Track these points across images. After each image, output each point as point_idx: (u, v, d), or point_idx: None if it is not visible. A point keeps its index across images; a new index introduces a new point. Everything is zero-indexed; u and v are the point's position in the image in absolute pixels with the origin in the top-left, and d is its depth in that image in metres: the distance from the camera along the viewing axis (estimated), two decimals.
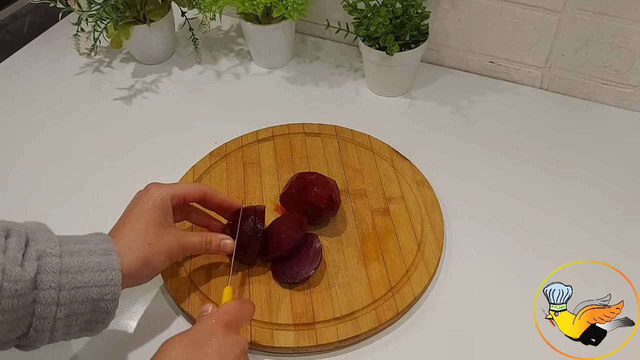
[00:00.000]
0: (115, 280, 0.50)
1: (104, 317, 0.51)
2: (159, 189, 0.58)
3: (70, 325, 0.49)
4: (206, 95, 0.92)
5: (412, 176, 0.75)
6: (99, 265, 0.50)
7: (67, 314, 0.48)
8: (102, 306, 0.50)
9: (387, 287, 0.62)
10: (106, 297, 0.50)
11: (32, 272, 0.46)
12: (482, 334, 0.60)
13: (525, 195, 0.74)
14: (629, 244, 0.68)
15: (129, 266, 0.52)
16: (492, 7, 0.84)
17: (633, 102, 0.85)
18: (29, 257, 0.47)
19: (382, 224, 0.69)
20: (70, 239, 0.51)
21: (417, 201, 0.71)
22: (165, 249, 0.55)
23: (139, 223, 0.55)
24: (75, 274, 0.48)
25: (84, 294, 0.48)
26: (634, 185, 0.75)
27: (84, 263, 0.49)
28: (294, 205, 0.68)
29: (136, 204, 0.57)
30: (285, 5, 0.84)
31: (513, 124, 0.84)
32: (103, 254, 0.51)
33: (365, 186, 0.73)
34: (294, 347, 0.58)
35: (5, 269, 0.45)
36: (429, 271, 0.64)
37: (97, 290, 0.49)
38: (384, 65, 0.85)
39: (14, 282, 0.45)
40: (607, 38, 0.80)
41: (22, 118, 0.89)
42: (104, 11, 0.85)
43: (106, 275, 0.50)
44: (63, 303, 0.47)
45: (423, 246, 0.66)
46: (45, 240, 0.49)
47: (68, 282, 0.48)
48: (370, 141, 0.80)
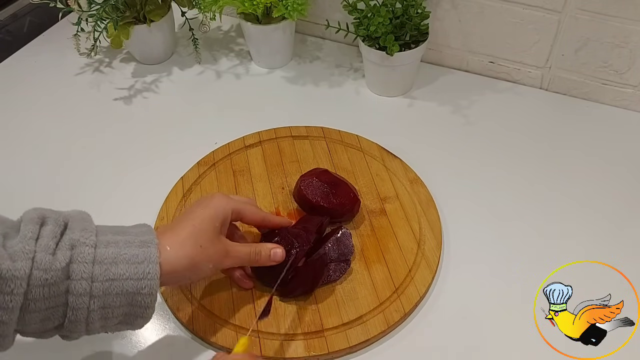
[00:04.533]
0: (152, 274, 0.48)
1: (142, 311, 0.49)
2: (225, 199, 0.57)
3: (107, 318, 0.48)
4: (206, 95, 0.92)
5: (405, 174, 0.74)
6: (135, 257, 0.48)
7: (102, 306, 0.47)
8: (138, 300, 0.48)
9: (391, 288, 0.62)
10: (142, 291, 0.48)
11: (64, 262, 0.45)
12: (482, 334, 0.60)
13: (525, 195, 0.74)
14: (629, 244, 0.68)
15: (173, 264, 0.50)
16: (492, 7, 0.84)
17: (633, 102, 0.85)
18: (63, 246, 0.46)
19: (380, 225, 0.69)
20: (109, 229, 0.50)
21: (411, 199, 0.71)
22: (214, 255, 0.54)
23: (196, 224, 0.53)
24: (109, 265, 0.47)
25: (118, 286, 0.47)
26: (634, 185, 0.75)
27: (120, 254, 0.47)
28: (318, 195, 0.67)
29: (198, 207, 0.56)
30: (285, 5, 0.84)
31: (513, 124, 0.84)
32: (141, 246, 0.49)
33: (359, 187, 0.73)
34: (305, 357, 0.58)
35: (36, 257, 0.44)
36: (432, 269, 0.64)
37: (132, 284, 0.47)
38: (384, 65, 0.85)
39: (43, 270, 0.44)
40: (607, 38, 0.80)
41: (22, 118, 0.88)
42: (104, 11, 0.85)
43: (142, 267, 0.48)
44: (96, 295, 0.46)
45: (423, 244, 0.66)
46: (81, 229, 0.47)
47: (101, 274, 0.46)
48: (359, 141, 0.79)
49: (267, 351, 0.58)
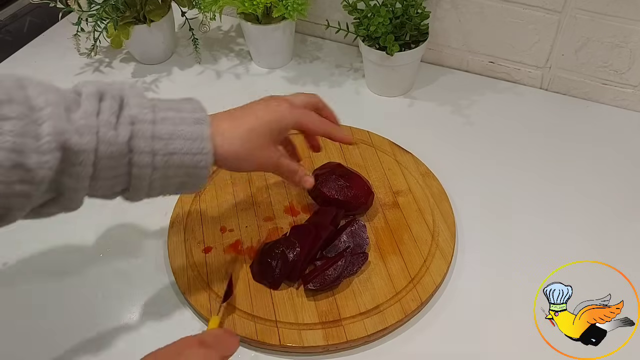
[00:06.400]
0: (206, 149, 0.51)
1: (198, 180, 0.53)
2: (289, 109, 0.57)
3: (166, 186, 0.52)
4: (206, 95, 0.91)
5: (416, 168, 0.75)
6: (190, 134, 0.50)
7: (162, 176, 0.50)
8: (196, 172, 0.51)
9: (407, 278, 0.63)
10: (200, 164, 0.51)
11: (126, 137, 0.48)
12: (482, 334, 0.60)
13: (525, 195, 0.74)
14: (629, 244, 0.68)
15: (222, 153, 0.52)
16: (492, 7, 0.84)
17: (633, 102, 0.85)
18: (123, 121, 0.48)
19: (394, 218, 0.70)
20: (164, 104, 0.52)
21: (424, 192, 0.72)
22: (260, 159, 0.56)
23: (254, 125, 0.55)
24: (167, 141, 0.50)
25: (177, 159, 0.50)
26: (634, 185, 0.75)
27: (176, 131, 0.50)
28: (333, 188, 0.68)
29: (262, 107, 0.57)
30: (285, 5, 0.84)
31: (513, 124, 0.84)
32: (195, 123, 0.51)
33: (372, 181, 0.74)
34: (323, 346, 0.58)
35: (100, 131, 0.46)
36: (446, 260, 0.65)
37: (189, 158, 0.50)
38: (384, 65, 0.85)
39: (108, 144, 0.46)
40: (607, 38, 0.80)
41: None
42: (104, 11, 0.85)
43: (197, 144, 0.51)
44: (158, 166, 0.49)
45: (437, 236, 0.67)
46: (138, 105, 0.50)
47: (161, 148, 0.49)
48: (370, 137, 0.80)
49: (286, 340, 0.58)
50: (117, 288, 0.65)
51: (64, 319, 0.63)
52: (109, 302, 0.64)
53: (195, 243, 0.68)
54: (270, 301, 0.62)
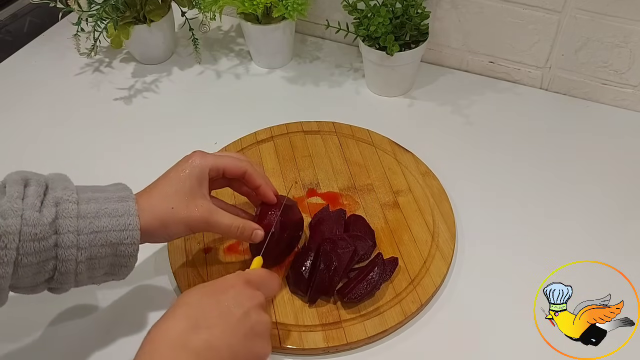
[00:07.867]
0: (133, 225, 0.51)
1: (126, 260, 0.53)
2: (200, 157, 0.57)
3: (94, 268, 0.51)
4: (206, 95, 0.92)
5: (416, 167, 0.75)
6: (115, 211, 0.51)
7: (89, 257, 0.50)
8: (122, 250, 0.51)
9: (407, 280, 0.63)
10: (125, 241, 0.51)
11: (50, 217, 0.48)
12: (482, 334, 0.60)
13: (524, 196, 0.74)
14: (629, 244, 0.68)
15: (146, 224, 0.53)
16: (492, 7, 0.84)
17: (633, 102, 0.85)
18: (47, 203, 0.49)
19: (394, 218, 0.70)
20: (88, 188, 0.53)
21: (424, 192, 0.72)
22: (187, 218, 0.55)
23: (170, 186, 0.55)
24: (92, 219, 0.50)
25: (102, 238, 0.50)
26: (634, 185, 0.75)
27: (101, 209, 0.51)
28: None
29: (174, 167, 0.58)
30: (285, 5, 0.84)
31: (513, 124, 0.84)
32: (120, 201, 0.52)
33: (372, 181, 0.74)
34: (324, 347, 0.58)
35: (24, 214, 0.47)
36: (446, 261, 0.65)
37: (115, 235, 0.51)
38: (384, 65, 0.85)
39: (32, 226, 0.47)
40: (607, 38, 0.80)
41: (22, 118, 0.88)
42: (104, 11, 0.85)
43: (124, 220, 0.51)
44: (83, 246, 0.49)
45: (437, 236, 0.67)
46: (63, 188, 0.51)
47: (86, 227, 0.50)
48: (370, 135, 0.80)
49: (286, 342, 0.58)
50: (117, 288, 0.65)
51: (63, 319, 0.63)
52: (109, 302, 0.64)
53: (195, 243, 0.68)
54: (271, 303, 0.62)
